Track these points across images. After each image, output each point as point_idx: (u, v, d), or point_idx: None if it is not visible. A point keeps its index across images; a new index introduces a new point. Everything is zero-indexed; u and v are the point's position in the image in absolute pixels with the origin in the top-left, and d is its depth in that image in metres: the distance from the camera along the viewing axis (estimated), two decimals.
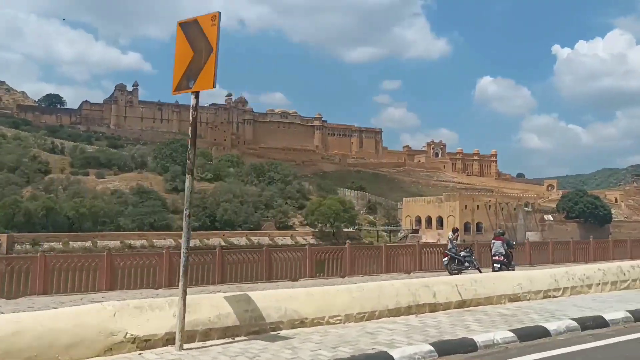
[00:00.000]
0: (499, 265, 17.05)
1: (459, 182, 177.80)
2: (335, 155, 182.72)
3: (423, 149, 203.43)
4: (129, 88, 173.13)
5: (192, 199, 7.22)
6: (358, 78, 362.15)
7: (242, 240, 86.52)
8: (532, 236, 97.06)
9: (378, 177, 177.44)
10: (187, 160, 7.25)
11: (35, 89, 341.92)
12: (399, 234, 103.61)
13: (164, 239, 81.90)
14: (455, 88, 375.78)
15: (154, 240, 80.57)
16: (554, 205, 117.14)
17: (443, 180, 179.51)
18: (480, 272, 17.00)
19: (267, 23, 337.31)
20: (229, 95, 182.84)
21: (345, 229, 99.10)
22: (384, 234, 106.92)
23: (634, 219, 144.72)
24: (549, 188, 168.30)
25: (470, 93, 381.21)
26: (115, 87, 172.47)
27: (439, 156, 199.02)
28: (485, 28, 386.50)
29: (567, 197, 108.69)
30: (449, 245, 19.37)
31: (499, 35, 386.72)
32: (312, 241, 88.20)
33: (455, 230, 20.86)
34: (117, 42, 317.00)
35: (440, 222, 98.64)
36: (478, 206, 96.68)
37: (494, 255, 17.54)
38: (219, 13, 6.81)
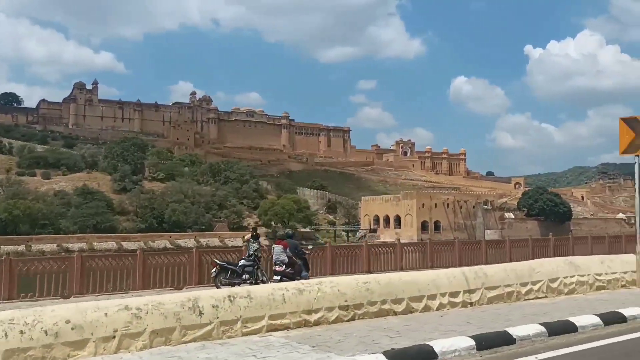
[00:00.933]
0: (279, 277, 13.51)
1: (426, 181, 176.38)
2: (303, 155, 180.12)
3: (392, 147, 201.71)
4: (89, 86, 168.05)
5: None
6: (334, 78, 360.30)
7: (190, 242, 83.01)
8: (491, 234, 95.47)
9: (345, 176, 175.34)
10: None
11: (5, 90, 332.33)
12: (358, 233, 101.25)
13: (106, 241, 78.51)
14: (430, 88, 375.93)
15: (95, 243, 77.02)
16: None
17: (411, 179, 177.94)
18: (265, 283, 13.90)
19: (242, 23, 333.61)
20: (193, 93, 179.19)
21: (303, 229, 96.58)
22: (343, 233, 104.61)
23: (600, 216, 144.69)
24: (517, 186, 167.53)
25: (446, 93, 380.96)
26: (74, 85, 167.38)
27: (408, 155, 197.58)
28: (459, 28, 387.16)
29: (528, 194, 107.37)
30: (250, 251, 15.26)
31: (472, 36, 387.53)
32: (266, 242, 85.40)
33: (254, 230, 16.58)
34: (89, 41, 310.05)
35: (398, 221, 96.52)
36: (436, 204, 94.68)
37: (275, 264, 14.03)
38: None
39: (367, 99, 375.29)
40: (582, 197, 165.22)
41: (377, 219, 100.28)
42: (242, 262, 15.08)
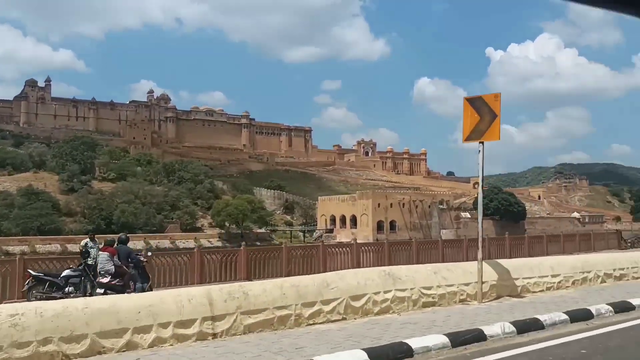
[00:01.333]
0: (102, 291, 11.76)
1: (387, 181, 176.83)
2: (264, 155, 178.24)
3: (354, 147, 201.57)
4: (42, 84, 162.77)
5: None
6: (298, 78, 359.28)
7: (140, 244, 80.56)
8: (447, 234, 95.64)
9: (307, 176, 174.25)
10: None
11: None
12: (314, 234, 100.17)
13: (50, 243, 75.48)
14: (394, 88, 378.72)
15: (38, 246, 73.99)
16: None
17: (372, 179, 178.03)
18: (90, 295, 12.07)
19: (206, 22, 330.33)
20: (151, 92, 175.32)
21: (259, 230, 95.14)
22: (300, 234, 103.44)
23: (556, 215, 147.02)
24: (475, 186, 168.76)
25: (409, 93, 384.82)
26: (25, 82, 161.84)
27: (370, 155, 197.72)
28: (422, 29, 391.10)
29: (483, 194, 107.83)
30: (90, 259, 13.39)
31: (435, 37, 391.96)
32: (218, 243, 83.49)
33: (92, 238, 14.44)
34: (48, 38, 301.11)
35: (355, 221, 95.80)
36: (391, 204, 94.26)
37: (99, 274, 12.37)
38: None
39: (331, 99, 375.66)
40: (539, 197, 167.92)
41: (333, 219, 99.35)
42: (66, 272, 13.19)
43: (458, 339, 7.20)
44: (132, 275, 12.70)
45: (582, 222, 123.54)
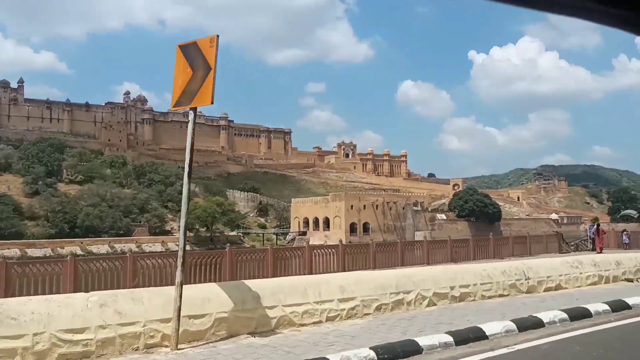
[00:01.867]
0: None
1: (367, 183, 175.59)
2: (242, 157, 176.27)
3: (334, 149, 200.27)
4: (14, 85, 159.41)
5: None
6: (283, 80, 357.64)
7: (104, 248, 78.56)
8: (421, 236, 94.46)
9: (286, 178, 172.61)
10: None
11: None
12: (287, 236, 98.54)
13: (8, 248, 72.90)
14: (379, 91, 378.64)
15: None
16: None
17: (352, 181, 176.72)
18: None
19: (189, 23, 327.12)
20: (127, 93, 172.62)
21: (231, 232, 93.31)
22: (274, 237, 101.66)
23: (534, 216, 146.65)
24: (455, 187, 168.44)
25: (393, 96, 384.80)
26: None
27: (350, 157, 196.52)
28: (405, 33, 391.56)
29: (458, 195, 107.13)
30: None
31: (418, 40, 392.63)
32: (187, 247, 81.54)
33: None
34: (29, 40, 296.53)
35: (327, 223, 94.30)
36: (365, 206, 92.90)
37: None
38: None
39: (316, 102, 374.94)
40: (518, 198, 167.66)
41: (307, 222, 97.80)
42: None
43: None
44: None
45: (559, 224, 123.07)
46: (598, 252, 25.31)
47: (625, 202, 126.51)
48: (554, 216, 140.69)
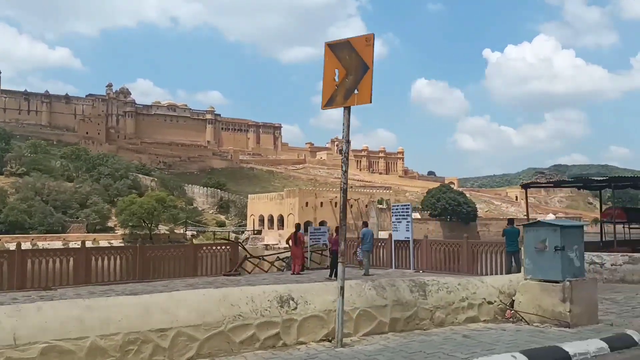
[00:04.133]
0: None
1: (359, 180, 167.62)
2: (228, 152, 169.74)
3: (327, 145, 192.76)
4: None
5: None
6: (295, 78, 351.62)
7: (26, 245, 72.17)
8: (385, 236, 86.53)
9: (273, 174, 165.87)
10: None
11: None
12: (243, 235, 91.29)
13: None
14: (392, 90, 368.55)
15: None
16: None
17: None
18: None
19: (201, 21, 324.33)
20: (109, 85, 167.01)
21: (179, 231, 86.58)
22: (233, 235, 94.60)
23: (532, 216, 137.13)
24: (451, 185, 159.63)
25: (407, 94, 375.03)
26: None
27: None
28: (419, 30, 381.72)
29: (430, 193, 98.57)
30: None
31: (432, 38, 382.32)
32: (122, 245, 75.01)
33: None
34: (43, 37, 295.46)
35: (282, 221, 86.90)
36: (322, 203, 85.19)
37: None
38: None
39: None
40: (516, 198, 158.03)
41: (262, 219, 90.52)
42: None
43: None
44: None
45: None
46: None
47: (625, 203, 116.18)
48: (550, 217, 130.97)
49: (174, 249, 20.17)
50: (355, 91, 7.02)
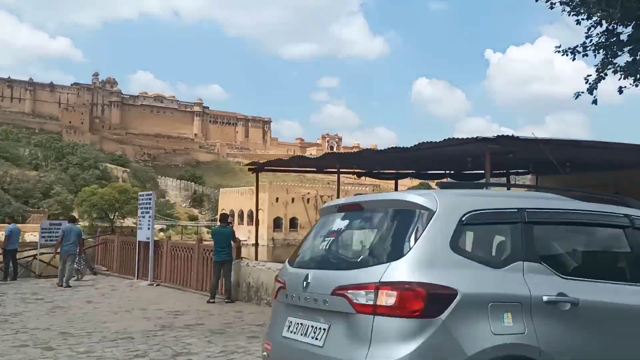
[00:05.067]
0: None
1: (347, 177, 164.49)
2: (215, 145, 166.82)
3: (317, 142, 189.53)
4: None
5: None
6: (296, 74, 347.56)
7: None
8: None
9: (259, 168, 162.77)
10: None
11: None
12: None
13: None
14: (393, 88, 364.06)
15: None
16: None
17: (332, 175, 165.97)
18: None
19: (203, 15, 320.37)
20: (96, 74, 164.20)
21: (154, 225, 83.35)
22: (205, 230, 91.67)
23: None
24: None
25: (408, 93, 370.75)
26: None
27: (334, 149, 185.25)
28: (421, 29, 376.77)
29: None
30: None
31: (434, 37, 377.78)
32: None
33: None
34: (44, 26, 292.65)
35: (252, 217, 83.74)
36: (293, 199, 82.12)
37: None
38: None
39: (330, 97, 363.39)
40: None
41: (233, 214, 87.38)
42: None
43: None
44: None
45: None
46: None
47: None
48: None
49: None
50: None
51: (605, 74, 15.57)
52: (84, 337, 7.58)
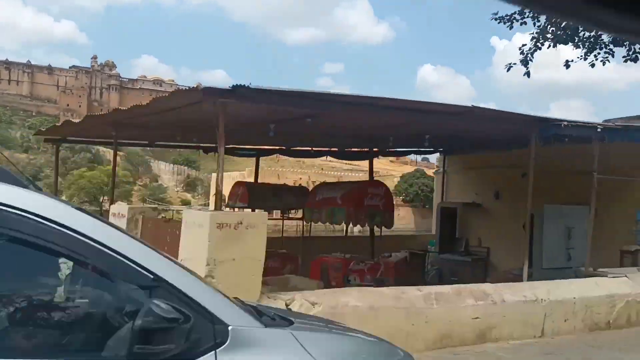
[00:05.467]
0: None
1: (346, 163, 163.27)
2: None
3: None
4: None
5: None
6: (299, 59, 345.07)
7: None
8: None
9: (260, 154, 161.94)
10: None
11: None
12: None
13: None
14: (398, 74, 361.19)
15: None
16: None
17: (330, 161, 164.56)
18: None
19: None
20: (94, 57, 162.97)
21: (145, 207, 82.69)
22: None
23: None
24: (434, 173, 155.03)
25: (413, 79, 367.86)
26: None
27: None
28: (426, 15, 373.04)
29: (404, 178, 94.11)
30: None
31: (439, 23, 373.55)
32: None
33: None
34: (48, 9, 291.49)
35: None
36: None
37: None
38: None
39: (333, 82, 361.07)
40: None
41: (224, 200, 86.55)
42: None
43: None
44: None
45: None
46: None
47: None
48: None
49: None
50: None
51: (542, 44, 14.28)
52: None
